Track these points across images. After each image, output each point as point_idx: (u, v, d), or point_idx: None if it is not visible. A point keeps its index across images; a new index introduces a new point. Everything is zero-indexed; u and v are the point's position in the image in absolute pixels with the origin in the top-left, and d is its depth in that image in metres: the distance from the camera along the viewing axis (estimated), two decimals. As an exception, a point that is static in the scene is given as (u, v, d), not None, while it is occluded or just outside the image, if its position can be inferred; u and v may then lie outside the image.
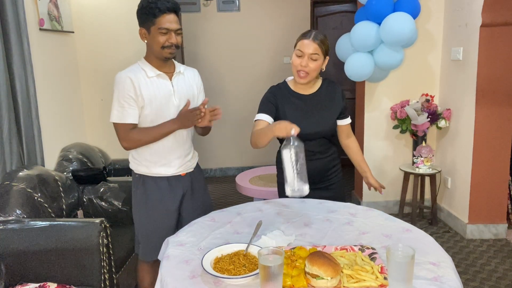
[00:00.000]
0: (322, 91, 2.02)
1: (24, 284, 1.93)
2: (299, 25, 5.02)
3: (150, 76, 1.86)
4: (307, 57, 1.87)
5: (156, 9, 1.76)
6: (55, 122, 2.95)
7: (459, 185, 3.43)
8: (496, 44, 3.04)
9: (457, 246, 3.19)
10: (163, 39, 1.80)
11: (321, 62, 1.91)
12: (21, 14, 2.43)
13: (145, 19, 1.81)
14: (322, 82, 2.05)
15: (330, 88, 2.04)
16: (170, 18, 1.79)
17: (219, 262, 1.30)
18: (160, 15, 1.77)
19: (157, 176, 1.95)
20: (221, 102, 5.13)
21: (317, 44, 1.87)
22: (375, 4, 3.01)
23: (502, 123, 3.16)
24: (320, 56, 1.89)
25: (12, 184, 2.16)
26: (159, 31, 1.78)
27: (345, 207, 1.78)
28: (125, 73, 1.86)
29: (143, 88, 1.83)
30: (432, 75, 3.69)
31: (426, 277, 1.20)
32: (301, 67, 1.88)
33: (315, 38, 1.88)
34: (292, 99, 2.00)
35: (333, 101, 2.02)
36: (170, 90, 1.91)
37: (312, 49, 1.86)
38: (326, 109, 2.00)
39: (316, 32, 1.92)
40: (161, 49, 1.82)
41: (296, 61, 1.90)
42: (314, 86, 2.02)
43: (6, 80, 2.31)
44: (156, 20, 1.77)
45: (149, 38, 1.84)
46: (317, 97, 2.01)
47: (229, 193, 4.55)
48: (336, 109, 2.02)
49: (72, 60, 3.29)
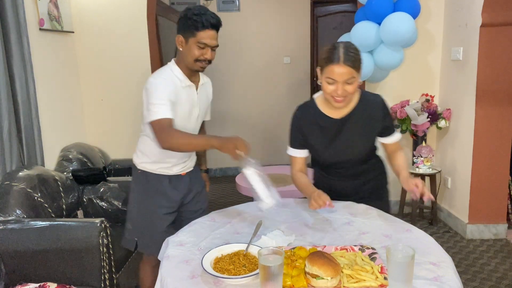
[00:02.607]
0: (357, 111, 1.72)
1: (24, 284, 1.92)
2: (299, 25, 5.02)
3: (183, 86, 1.85)
4: (342, 83, 1.57)
5: (200, 23, 1.74)
6: (55, 122, 2.95)
7: (459, 185, 3.43)
8: (496, 44, 3.03)
9: (457, 246, 3.19)
10: (198, 53, 1.78)
11: (357, 81, 1.62)
12: (21, 14, 2.43)
13: (186, 29, 1.78)
14: (359, 99, 1.73)
15: (368, 105, 1.73)
16: (211, 34, 1.77)
17: (219, 262, 1.30)
18: (202, 30, 1.75)
19: (160, 174, 1.97)
20: (221, 102, 5.13)
21: (350, 66, 1.55)
22: (375, 4, 3.01)
23: (502, 123, 3.15)
24: (357, 75, 1.60)
25: (12, 184, 2.16)
26: (198, 44, 1.77)
27: (345, 207, 1.77)
28: (163, 78, 1.80)
29: (176, 95, 1.81)
30: (432, 75, 3.69)
31: (426, 277, 1.20)
32: (337, 95, 1.61)
33: (346, 60, 1.54)
34: (320, 122, 1.76)
35: (370, 122, 1.73)
36: (195, 101, 1.92)
37: (346, 75, 1.56)
38: (360, 133, 1.74)
39: (344, 50, 1.56)
40: (194, 61, 1.80)
41: (328, 89, 1.61)
42: (348, 106, 1.72)
43: (6, 80, 2.31)
44: (197, 33, 1.75)
45: (185, 48, 1.80)
46: (350, 120, 1.72)
47: (229, 193, 4.55)
48: (374, 130, 1.76)
49: (72, 60, 3.29)
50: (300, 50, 5.08)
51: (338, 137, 1.74)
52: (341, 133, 1.74)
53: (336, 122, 1.74)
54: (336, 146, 1.75)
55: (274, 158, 5.30)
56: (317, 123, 1.76)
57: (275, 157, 5.30)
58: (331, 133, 1.75)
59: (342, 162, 1.80)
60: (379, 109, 1.73)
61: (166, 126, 1.68)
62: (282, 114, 5.25)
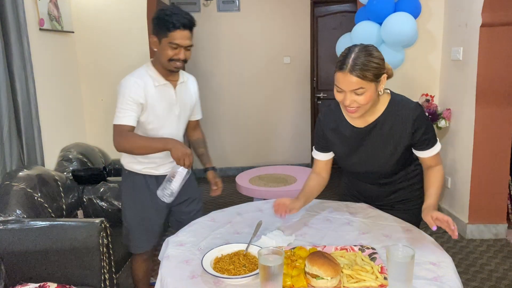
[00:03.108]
0: (383, 120, 1.55)
1: (24, 284, 1.92)
2: (299, 25, 5.02)
3: (156, 85, 1.86)
4: (350, 93, 1.44)
5: (171, 24, 1.74)
6: (55, 122, 2.95)
7: (459, 185, 3.43)
8: (496, 44, 3.03)
9: (457, 246, 3.19)
10: (172, 53, 1.79)
11: (372, 91, 1.44)
12: (21, 14, 2.43)
13: (158, 29, 1.80)
14: (387, 106, 1.55)
15: (397, 114, 1.54)
16: (183, 34, 1.78)
17: (219, 262, 1.30)
18: (174, 30, 1.75)
19: (147, 174, 1.99)
20: (221, 102, 5.14)
21: (357, 75, 1.39)
22: (376, 4, 3.01)
23: (502, 123, 3.15)
24: (368, 85, 1.42)
25: (12, 184, 2.16)
26: (170, 45, 1.78)
27: (345, 207, 1.78)
28: (133, 78, 1.83)
29: (149, 95, 1.83)
30: (432, 75, 3.69)
31: (426, 277, 1.20)
32: (346, 105, 1.47)
33: (353, 69, 1.39)
34: (342, 130, 1.63)
35: (397, 133, 1.54)
36: (173, 99, 1.92)
37: (352, 85, 1.41)
38: (385, 145, 1.57)
39: (355, 57, 1.41)
40: (168, 61, 1.81)
41: (338, 97, 1.49)
42: (374, 112, 1.56)
43: (6, 80, 2.31)
44: (169, 34, 1.76)
45: (159, 48, 1.82)
46: (375, 130, 1.57)
47: (229, 193, 4.55)
48: (401, 143, 1.55)
49: (72, 60, 3.29)
50: (300, 50, 5.08)
51: (361, 148, 1.61)
52: (364, 143, 1.60)
53: (359, 132, 1.59)
54: (358, 157, 1.63)
55: (274, 158, 5.30)
56: (339, 131, 1.64)
57: (275, 157, 5.30)
58: (354, 143, 1.62)
59: (365, 172, 1.69)
60: (408, 120, 1.52)
61: (124, 131, 1.79)
62: (282, 114, 5.25)
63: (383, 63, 1.45)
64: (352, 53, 1.42)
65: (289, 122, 5.29)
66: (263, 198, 3.07)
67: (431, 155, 1.59)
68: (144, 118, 1.86)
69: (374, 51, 1.44)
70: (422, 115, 1.53)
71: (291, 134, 5.31)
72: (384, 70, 1.46)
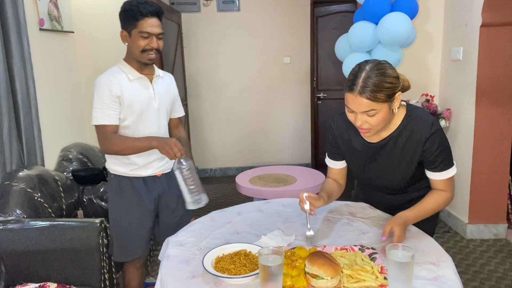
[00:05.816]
0: (397, 134, 1.48)
1: (24, 284, 1.92)
2: (299, 25, 5.02)
3: (131, 79, 1.85)
4: (361, 114, 1.36)
5: (138, 13, 1.75)
6: (55, 122, 2.95)
7: (459, 185, 3.43)
8: (496, 44, 3.04)
9: (457, 246, 3.19)
10: (143, 43, 1.79)
11: (385, 111, 1.35)
12: (21, 14, 2.43)
13: (126, 22, 1.80)
14: (402, 120, 1.48)
15: (411, 130, 1.46)
16: (152, 22, 1.78)
17: (220, 261, 1.30)
18: (142, 19, 1.76)
19: (133, 176, 1.92)
20: (221, 102, 5.14)
21: (367, 97, 1.30)
22: (372, 4, 3.00)
23: (502, 123, 3.15)
24: (380, 106, 1.33)
25: (12, 184, 2.16)
26: (140, 34, 1.78)
27: (345, 206, 1.77)
28: (106, 76, 1.83)
29: (124, 91, 1.81)
30: (432, 75, 3.69)
31: (426, 277, 1.20)
32: (358, 125, 1.41)
33: (363, 90, 1.30)
34: (354, 143, 1.57)
35: (410, 150, 1.47)
36: (151, 93, 1.90)
37: (362, 107, 1.33)
38: (398, 161, 1.51)
39: (365, 77, 1.31)
40: (141, 53, 1.81)
41: (349, 117, 1.42)
42: (389, 127, 1.49)
43: (6, 80, 2.31)
44: (138, 24, 1.76)
45: (130, 41, 1.83)
46: (388, 145, 1.50)
47: (229, 193, 4.55)
48: (415, 158, 1.47)
49: (72, 60, 3.29)
50: (300, 50, 5.08)
51: (373, 163, 1.56)
52: (377, 159, 1.54)
53: (372, 147, 1.53)
54: (371, 172, 1.58)
55: (274, 158, 5.30)
56: (351, 145, 1.58)
57: (275, 157, 5.30)
58: (366, 158, 1.56)
59: (379, 186, 1.64)
60: (422, 137, 1.43)
61: (108, 132, 1.77)
62: (282, 114, 5.25)
63: (397, 81, 1.36)
64: (362, 71, 1.32)
65: (289, 122, 5.29)
66: (263, 198, 3.07)
67: (441, 178, 1.48)
68: (123, 114, 1.83)
69: (388, 69, 1.34)
70: (437, 134, 1.43)
71: (291, 134, 5.31)
72: (398, 88, 1.36)
